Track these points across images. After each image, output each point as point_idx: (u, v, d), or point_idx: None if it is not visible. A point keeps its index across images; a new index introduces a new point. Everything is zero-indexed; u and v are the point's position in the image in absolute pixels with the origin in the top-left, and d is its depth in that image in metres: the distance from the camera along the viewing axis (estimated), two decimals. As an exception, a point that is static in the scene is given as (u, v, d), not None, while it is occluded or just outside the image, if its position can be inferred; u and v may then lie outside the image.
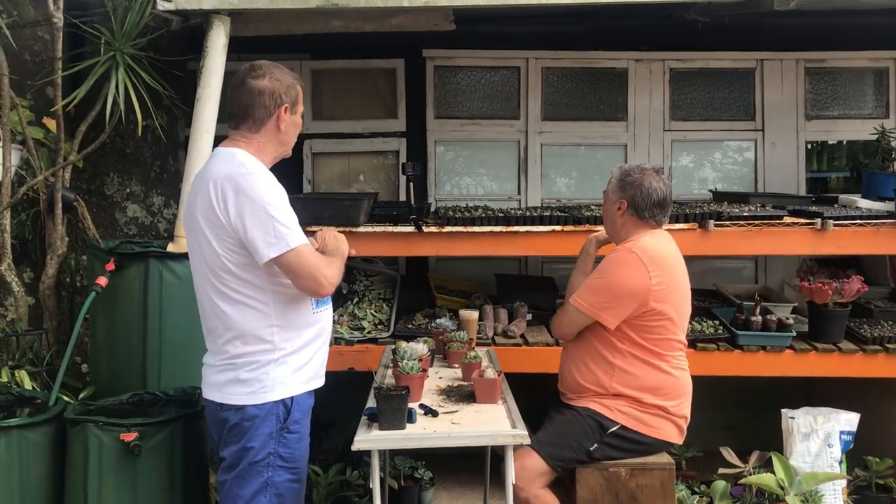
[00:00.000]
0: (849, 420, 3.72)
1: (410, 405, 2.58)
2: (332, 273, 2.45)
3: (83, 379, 3.92)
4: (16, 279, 3.79)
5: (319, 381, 2.63)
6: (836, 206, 4.43)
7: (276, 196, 2.39)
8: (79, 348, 3.97)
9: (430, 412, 2.65)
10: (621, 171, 3.09)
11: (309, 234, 2.60)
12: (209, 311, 2.52)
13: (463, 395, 2.86)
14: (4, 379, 3.46)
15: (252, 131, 2.49)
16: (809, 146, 5.45)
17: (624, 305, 2.90)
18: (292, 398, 2.50)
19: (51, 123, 3.81)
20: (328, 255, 2.55)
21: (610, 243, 3.22)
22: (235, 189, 2.35)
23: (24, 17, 4.04)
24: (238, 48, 3.93)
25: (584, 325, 3.00)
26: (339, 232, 2.72)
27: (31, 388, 3.45)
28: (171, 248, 3.57)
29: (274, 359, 2.46)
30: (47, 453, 3.01)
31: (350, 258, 4.27)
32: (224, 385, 2.50)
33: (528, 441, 2.49)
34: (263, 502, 2.47)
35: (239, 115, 2.50)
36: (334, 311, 3.67)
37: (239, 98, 2.49)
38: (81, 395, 3.50)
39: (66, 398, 3.33)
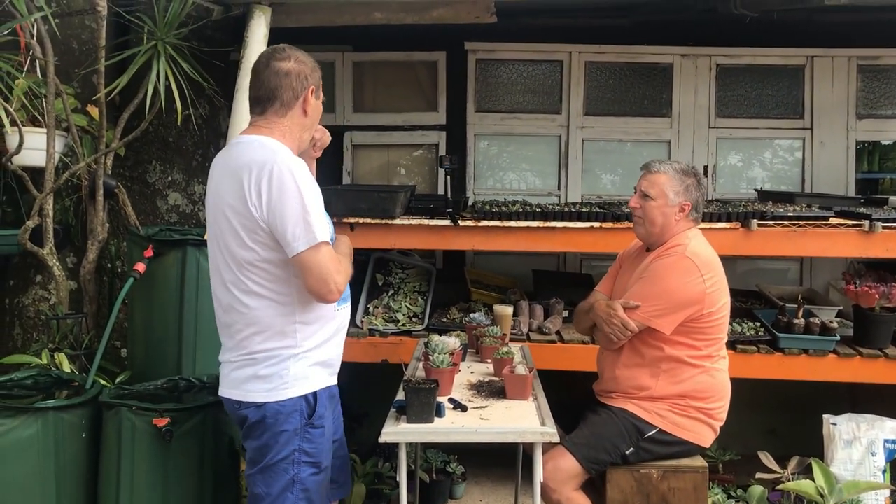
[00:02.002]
0: (894, 428, 3.62)
1: (439, 399, 2.56)
2: (342, 280, 2.34)
3: (122, 363, 3.98)
4: (57, 263, 3.86)
5: (333, 378, 2.57)
6: (885, 207, 4.30)
7: (309, 187, 2.30)
8: (118, 333, 4.03)
9: (458, 406, 2.62)
10: (677, 171, 2.97)
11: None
12: (228, 304, 2.42)
13: (493, 390, 2.83)
14: (44, 361, 3.52)
15: (279, 115, 2.41)
16: (860, 146, 5.30)
17: (681, 312, 2.84)
18: (315, 393, 2.43)
19: (94, 111, 3.87)
20: (343, 254, 2.48)
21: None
22: (269, 178, 2.25)
23: (72, 6, 4.10)
24: (280, 39, 3.93)
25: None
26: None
27: (69, 370, 3.51)
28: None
29: (294, 354, 2.39)
30: (83, 435, 3.06)
31: (386, 250, 4.35)
32: (243, 382, 2.41)
33: (556, 439, 2.45)
34: (291, 499, 2.42)
35: (265, 99, 2.40)
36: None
37: (265, 81, 2.39)
38: (118, 380, 3.56)
39: (103, 382, 3.38)
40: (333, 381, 2.55)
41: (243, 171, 2.29)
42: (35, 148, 3.71)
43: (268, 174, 2.25)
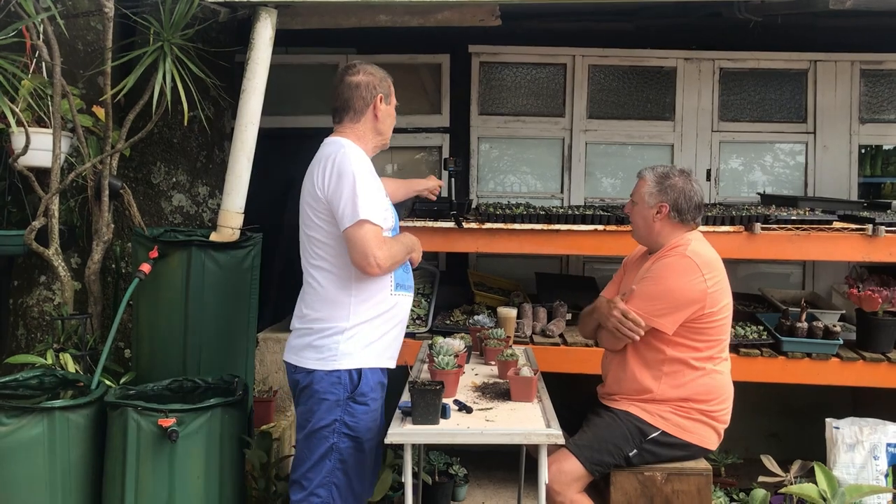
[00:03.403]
0: (896, 432, 3.62)
1: (445, 401, 2.57)
2: (382, 255, 2.62)
3: (126, 364, 3.98)
4: (62, 264, 3.86)
5: (390, 362, 2.84)
6: (889, 211, 4.31)
7: (364, 174, 2.65)
8: (122, 334, 4.03)
9: (464, 408, 2.63)
10: (655, 174, 3.03)
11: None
12: (304, 279, 2.82)
13: (498, 392, 2.84)
14: (49, 361, 3.52)
15: (353, 122, 2.82)
16: (863, 150, 5.32)
17: (682, 311, 2.85)
18: (360, 370, 2.70)
19: (100, 112, 3.87)
20: (398, 240, 2.79)
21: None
22: (333, 163, 2.66)
23: (78, 7, 4.10)
24: (285, 41, 3.96)
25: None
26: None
27: (74, 371, 3.51)
28: (214, 237, 3.61)
29: (347, 327, 2.69)
30: (88, 435, 3.07)
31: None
32: (300, 349, 2.76)
33: (562, 441, 2.46)
34: (328, 466, 2.69)
35: (341, 109, 2.83)
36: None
37: (340, 93, 2.83)
38: (123, 380, 3.56)
39: (107, 382, 3.38)
40: (384, 364, 2.81)
41: (318, 162, 2.75)
42: (41, 149, 3.70)
43: (332, 161, 2.67)
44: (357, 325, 2.70)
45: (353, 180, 2.61)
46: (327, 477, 2.68)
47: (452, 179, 4.06)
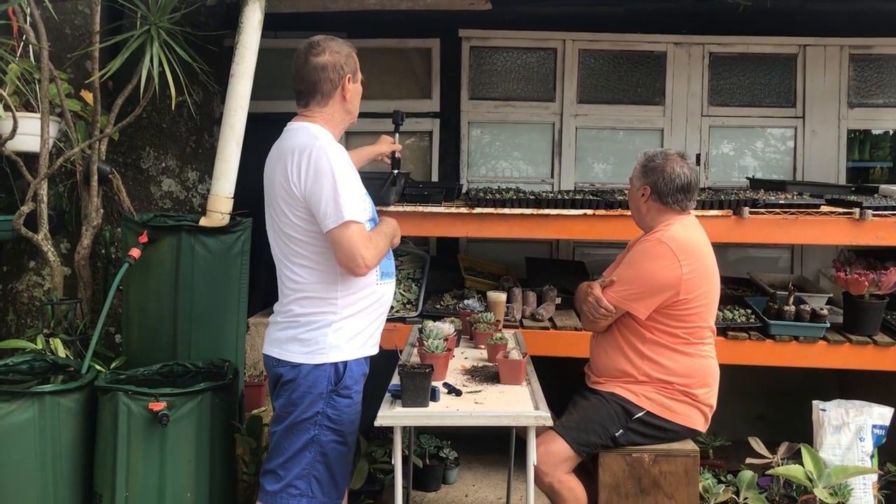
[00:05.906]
0: (882, 414, 3.65)
1: (434, 384, 2.58)
2: (370, 255, 2.52)
3: (117, 349, 3.99)
4: (52, 249, 3.85)
5: (373, 349, 2.76)
6: (876, 195, 4.33)
7: (343, 170, 2.50)
8: (113, 319, 4.03)
9: (453, 391, 2.64)
10: (645, 156, 3.06)
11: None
12: (281, 272, 2.68)
13: (487, 375, 2.86)
14: (39, 346, 3.52)
15: (321, 105, 2.64)
16: (852, 135, 5.34)
17: (655, 296, 2.87)
18: (345, 363, 2.61)
19: (88, 96, 3.85)
20: (380, 231, 2.67)
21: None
22: (308, 160, 2.48)
23: (65, -9, 4.08)
24: (274, 25, 3.93)
25: (616, 317, 2.98)
26: None
27: (64, 356, 3.51)
28: (203, 222, 3.61)
29: (334, 320, 2.59)
30: (79, 420, 3.08)
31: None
32: (284, 342, 2.64)
33: (550, 423, 2.47)
34: (307, 458, 2.60)
35: (307, 92, 2.64)
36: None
37: (305, 76, 2.62)
38: (113, 365, 3.57)
39: (98, 367, 3.39)
40: (368, 352, 2.72)
41: (288, 154, 2.54)
42: (29, 133, 3.69)
43: (307, 156, 2.49)
44: (345, 318, 2.61)
45: (333, 178, 2.46)
46: (306, 469, 2.59)
47: (397, 135, 3.91)
